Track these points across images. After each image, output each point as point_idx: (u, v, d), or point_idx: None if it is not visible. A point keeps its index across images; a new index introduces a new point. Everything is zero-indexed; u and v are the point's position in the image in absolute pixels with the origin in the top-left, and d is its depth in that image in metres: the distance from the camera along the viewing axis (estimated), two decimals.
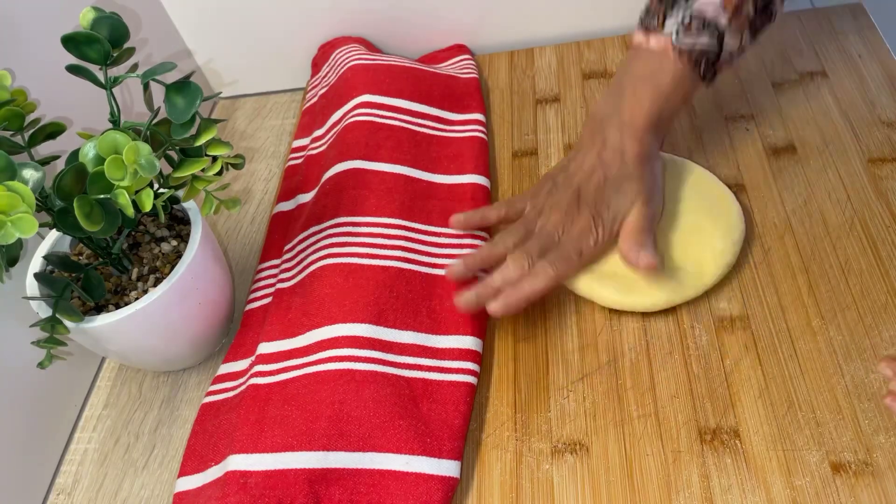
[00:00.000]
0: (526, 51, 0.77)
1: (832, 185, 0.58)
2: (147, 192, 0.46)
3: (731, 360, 0.50)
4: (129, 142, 0.43)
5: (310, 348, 0.53)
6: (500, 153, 0.68)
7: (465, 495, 0.48)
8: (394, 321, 0.53)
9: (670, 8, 0.53)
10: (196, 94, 0.46)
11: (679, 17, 0.52)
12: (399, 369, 0.51)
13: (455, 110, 0.70)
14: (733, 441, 0.46)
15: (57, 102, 0.57)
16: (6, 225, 0.40)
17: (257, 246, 0.67)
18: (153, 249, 0.55)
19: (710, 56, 0.52)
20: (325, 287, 0.55)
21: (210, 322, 0.56)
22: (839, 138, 0.61)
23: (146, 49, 0.73)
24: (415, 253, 0.58)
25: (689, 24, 0.52)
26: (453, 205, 0.62)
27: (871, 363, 0.48)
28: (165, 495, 0.52)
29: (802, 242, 0.55)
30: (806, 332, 0.50)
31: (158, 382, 0.59)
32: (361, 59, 0.72)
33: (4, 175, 0.41)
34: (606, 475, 0.46)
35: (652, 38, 0.53)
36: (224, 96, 0.86)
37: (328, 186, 0.63)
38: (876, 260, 0.53)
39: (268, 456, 0.47)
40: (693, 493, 0.45)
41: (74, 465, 0.55)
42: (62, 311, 0.47)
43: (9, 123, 0.47)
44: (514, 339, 0.55)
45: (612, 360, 0.52)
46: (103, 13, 0.48)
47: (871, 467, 0.44)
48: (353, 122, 0.66)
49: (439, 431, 0.48)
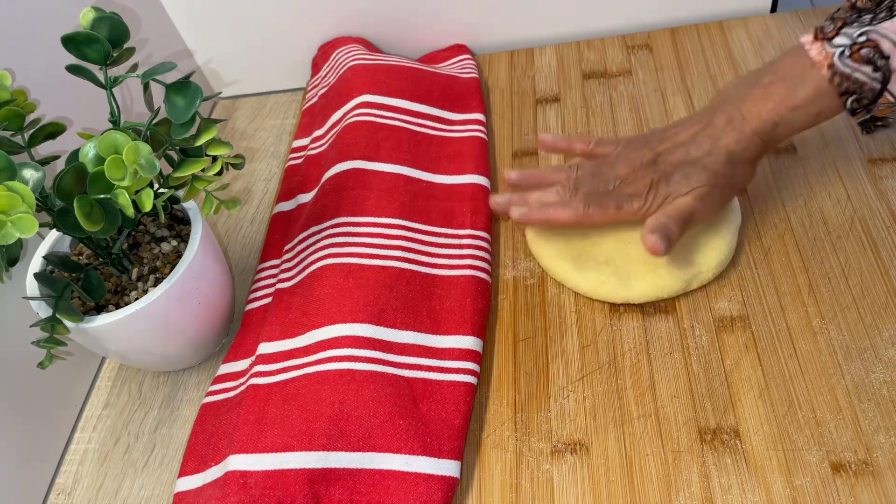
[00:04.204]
0: (526, 51, 0.77)
1: (832, 185, 0.58)
2: (147, 192, 0.46)
3: (731, 360, 0.50)
4: (129, 142, 0.43)
5: (310, 348, 0.53)
6: (500, 153, 0.68)
7: (465, 495, 0.48)
8: (394, 321, 0.53)
9: (852, 23, 0.47)
10: (196, 94, 0.46)
11: (853, 36, 0.46)
12: (399, 369, 0.51)
13: (455, 110, 0.70)
14: (733, 441, 0.46)
15: (57, 102, 0.58)
16: (6, 225, 0.40)
17: (257, 246, 0.67)
18: (153, 249, 0.55)
19: (865, 94, 0.46)
20: (325, 287, 0.55)
21: (210, 322, 0.56)
22: (839, 138, 0.61)
23: (146, 49, 0.73)
24: (415, 253, 0.58)
25: (857, 49, 0.45)
26: (453, 205, 0.62)
27: (871, 363, 0.48)
28: (165, 495, 0.52)
29: (802, 242, 0.55)
30: (806, 332, 0.50)
31: (158, 382, 0.59)
32: (361, 59, 0.72)
33: (4, 175, 0.41)
34: (606, 475, 0.47)
35: (816, 45, 0.48)
36: (224, 96, 0.86)
37: (328, 186, 0.63)
38: (876, 260, 0.53)
39: (268, 456, 0.47)
40: (693, 492, 0.45)
41: (74, 465, 0.55)
42: (62, 311, 0.47)
43: (9, 123, 0.47)
44: (514, 339, 0.55)
45: (612, 360, 0.52)
46: (103, 13, 0.48)
47: (871, 467, 0.44)
48: (353, 122, 0.66)
49: (439, 431, 0.48)
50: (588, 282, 0.54)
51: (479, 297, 0.55)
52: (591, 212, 0.52)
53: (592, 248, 0.56)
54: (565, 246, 0.56)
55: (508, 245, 0.61)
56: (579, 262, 0.55)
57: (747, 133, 0.51)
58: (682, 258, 0.53)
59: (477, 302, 0.55)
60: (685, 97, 0.68)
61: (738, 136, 0.51)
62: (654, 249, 0.50)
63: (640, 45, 0.74)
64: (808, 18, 0.72)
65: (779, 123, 0.50)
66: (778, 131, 0.50)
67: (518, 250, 0.60)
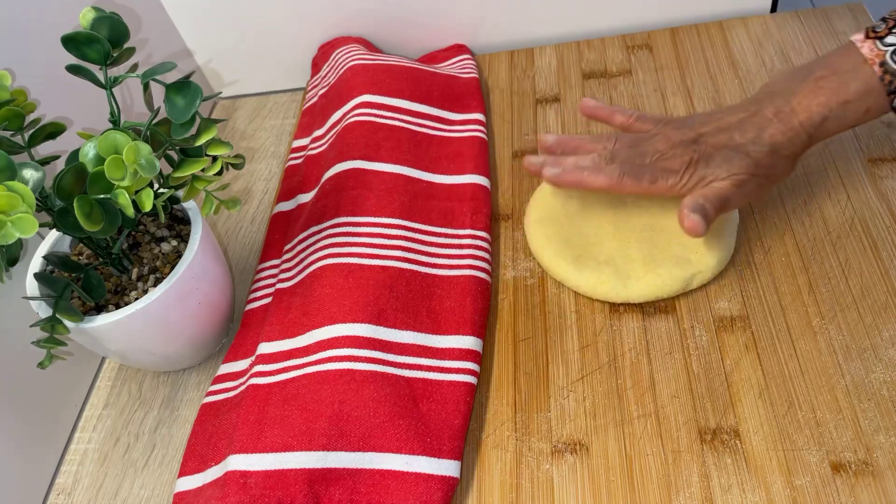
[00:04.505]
0: (526, 51, 0.77)
1: (832, 185, 0.58)
2: (147, 192, 0.46)
3: (731, 360, 0.50)
4: (129, 142, 0.43)
5: (310, 348, 0.53)
6: (500, 153, 0.68)
7: (465, 495, 0.48)
8: (394, 321, 0.53)
9: None
10: (196, 94, 0.46)
11: None
12: (399, 369, 0.51)
13: (455, 110, 0.70)
14: (733, 441, 0.46)
15: (57, 102, 0.58)
16: (6, 225, 0.40)
17: (257, 246, 0.67)
18: (153, 249, 0.55)
19: None
20: (325, 287, 0.55)
21: (210, 322, 0.56)
22: (839, 138, 0.61)
23: (146, 49, 0.73)
24: (415, 253, 0.58)
25: None
26: (453, 205, 0.62)
27: (871, 363, 0.48)
28: (165, 495, 0.52)
29: (802, 242, 0.55)
30: (806, 332, 0.50)
31: (158, 382, 0.59)
32: (361, 59, 0.72)
33: (4, 175, 0.41)
34: (606, 475, 0.47)
35: (868, 43, 0.49)
36: (224, 96, 0.86)
37: (328, 186, 0.63)
38: (876, 260, 0.53)
39: (268, 456, 0.47)
40: (693, 493, 0.45)
41: (74, 465, 0.55)
42: (62, 311, 0.47)
43: (9, 123, 0.47)
44: (514, 339, 0.55)
45: (612, 360, 0.52)
46: (103, 13, 0.48)
47: (871, 467, 0.44)
48: (353, 122, 0.66)
49: (439, 431, 0.48)
50: (588, 281, 0.54)
51: (479, 297, 0.55)
52: (625, 181, 0.51)
53: (592, 248, 0.56)
54: (565, 246, 0.56)
55: (508, 245, 0.61)
56: (579, 262, 0.55)
57: (794, 126, 0.50)
58: (682, 258, 0.53)
59: (477, 302, 0.55)
60: (685, 97, 0.68)
61: (784, 128, 0.50)
62: (695, 229, 0.48)
63: (640, 45, 0.74)
64: (808, 18, 0.72)
65: (828, 118, 0.50)
66: (826, 126, 0.50)
67: (518, 250, 0.60)
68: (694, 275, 0.53)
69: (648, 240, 0.55)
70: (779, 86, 0.52)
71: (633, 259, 0.54)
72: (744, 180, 0.50)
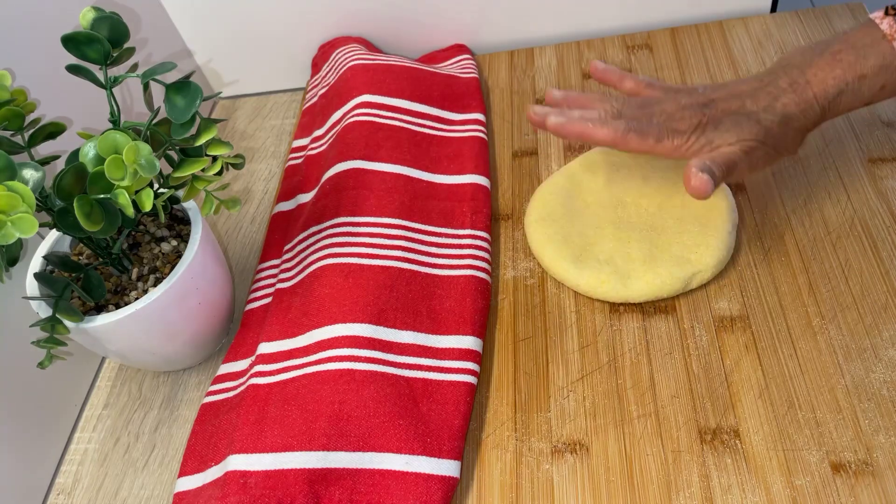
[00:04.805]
0: (526, 51, 0.77)
1: (832, 185, 0.58)
2: (147, 192, 0.46)
3: (731, 360, 0.50)
4: (129, 142, 0.43)
5: (310, 348, 0.53)
6: (500, 153, 0.68)
7: (465, 495, 0.48)
8: (394, 321, 0.53)
9: None
10: (196, 94, 0.46)
11: None
12: (399, 369, 0.51)
13: (455, 110, 0.70)
14: (733, 441, 0.46)
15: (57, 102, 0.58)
16: (6, 225, 0.40)
17: (257, 246, 0.67)
18: (153, 249, 0.55)
19: None
20: (325, 287, 0.55)
21: (210, 322, 0.56)
22: (839, 138, 0.61)
23: (146, 49, 0.73)
24: (415, 253, 0.58)
25: None
26: (453, 205, 0.62)
27: (871, 363, 0.48)
28: (165, 495, 0.52)
29: (802, 242, 0.55)
30: (806, 332, 0.50)
31: (158, 382, 0.59)
32: (361, 59, 0.72)
33: (4, 175, 0.41)
34: (606, 475, 0.47)
35: (888, 20, 0.49)
36: (224, 96, 0.86)
37: (328, 186, 0.63)
38: (876, 260, 0.53)
39: (268, 456, 0.47)
40: (693, 493, 0.45)
41: (74, 465, 0.55)
42: (62, 311, 0.47)
43: (9, 123, 0.47)
44: (514, 339, 0.55)
45: (612, 360, 0.52)
46: (103, 13, 0.48)
47: (871, 467, 0.44)
48: (353, 122, 0.66)
49: (439, 431, 0.48)
50: (588, 281, 0.54)
51: (479, 297, 0.55)
52: (629, 137, 0.50)
53: (592, 247, 0.56)
54: (565, 246, 0.56)
55: (508, 245, 0.61)
56: (579, 262, 0.55)
57: (808, 98, 0.50)
58: (682, 258, 0.53)
59: (477, 302, 0.55)
60: None
61: (798, 99, 0.50)
62: (702, 187, 0.47)
63: (640, 45, 0.74)
64: (808, 18, 0.72)
65: (843, 91, 0.49)
66: (840, 100, 0.50)
67: (518, 250, 0.60)
68: (694, 274, 0.53)
69: (648, 240, 0.55)
70: (795, 58, 0.52)
71: (633, 259, 0.54)
72: (753, 147, 0.50)
